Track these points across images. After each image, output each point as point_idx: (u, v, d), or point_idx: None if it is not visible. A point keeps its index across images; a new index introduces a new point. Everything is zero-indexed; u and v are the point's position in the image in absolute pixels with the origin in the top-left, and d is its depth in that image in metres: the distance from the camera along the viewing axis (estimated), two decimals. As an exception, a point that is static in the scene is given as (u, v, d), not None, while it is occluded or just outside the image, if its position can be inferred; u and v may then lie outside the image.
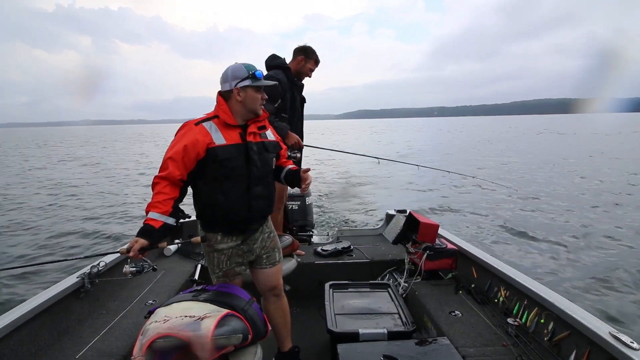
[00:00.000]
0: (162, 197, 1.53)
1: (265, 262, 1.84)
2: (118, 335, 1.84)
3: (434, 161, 15.56)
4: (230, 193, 1.64)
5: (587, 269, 4.89)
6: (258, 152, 1.66)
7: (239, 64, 1.63)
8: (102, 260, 2.24)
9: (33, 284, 4.73)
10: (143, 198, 10.08)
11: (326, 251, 3.00)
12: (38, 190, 12.21)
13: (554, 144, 26.71)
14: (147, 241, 1.48)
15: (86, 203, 9.99)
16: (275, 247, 1.89)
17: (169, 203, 1.54)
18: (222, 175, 1.62)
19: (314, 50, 2.60)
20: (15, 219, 8.38)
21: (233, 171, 1.61)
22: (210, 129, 1.59)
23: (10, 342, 1.56)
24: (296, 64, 2.59)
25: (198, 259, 2.84)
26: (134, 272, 1.62)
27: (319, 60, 2.66)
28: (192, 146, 1.54)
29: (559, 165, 14.92)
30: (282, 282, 1.96)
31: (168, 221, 1.53)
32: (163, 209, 1.52)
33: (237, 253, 1.74)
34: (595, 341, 1.43)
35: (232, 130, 1.63)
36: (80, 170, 17.55)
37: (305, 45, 2.60)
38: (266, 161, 1.72)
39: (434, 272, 2.50)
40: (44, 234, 7.13)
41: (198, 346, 1.26)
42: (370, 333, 1.82)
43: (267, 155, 1.72)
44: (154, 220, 1.51)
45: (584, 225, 6.75)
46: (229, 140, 1.60)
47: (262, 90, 1.65)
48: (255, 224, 1.76)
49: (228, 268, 1.74)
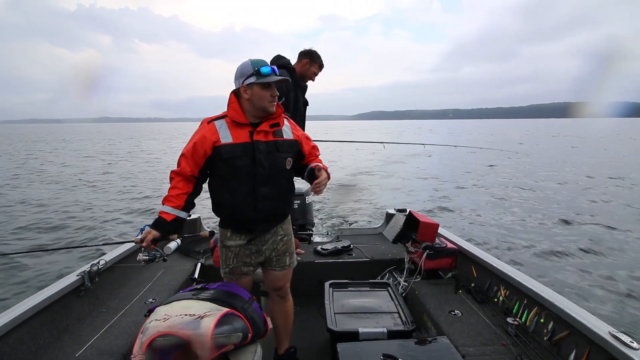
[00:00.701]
0: (176, 191, 1.62)
1: (275, 264, 1.81)
2: (118, 334, 1.84)
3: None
4: (236, 192, 1.63)
5: (586, 269, 4.89)
6: (267, 152, 1.61)
7: (248, 60, 1.59)
8: (102, 258, 2.25)
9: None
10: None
11: (326, 250, 3.00)
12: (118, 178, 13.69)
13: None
14: (159, 233, 1.61)
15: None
16: (287, 251, 1.82)
17: (182, 197, 1.62)
18: (228, 174, 1.62)
19: (318, 55, 2.60)
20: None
21: (239, 170, 1.60)
22: (220, 127, 1.60)
23: (10, 340, 1.56)
24: (301, 67, 2.59)
25: (198, 257, 2.84)
26: (146, 260, 1.81)
27: (323, 65, 2.65)
28: (201, 144, 1.58)
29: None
30: (289, 285, 1.92)
31: (180, 215, 1.63)
32: (176, 203, 1.62)
33: (245, 252, 1.73)
34: (595, 341, 1.43)
35: (241, 128, 1.60)
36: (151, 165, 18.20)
37: (310, 49, 2.60)
38: (276, 161, 1.64)
39: (434, 271, 2.50)
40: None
41: (198, 345, 1.26)
42: (370, 332, 1.81)
43: (277, 155, 1.65)
44: (167, 213, 1.61)
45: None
46: (236, 139, 1.59)
47: (272, 87, 1.58)
48: (263, 225, 1.71)
49: (234, 266, 1.74)
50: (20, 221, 7.60)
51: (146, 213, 8.34)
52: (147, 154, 25.34)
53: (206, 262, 2.75)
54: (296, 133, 1.74)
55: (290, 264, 1.85)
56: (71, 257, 5.34)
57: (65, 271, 4.65)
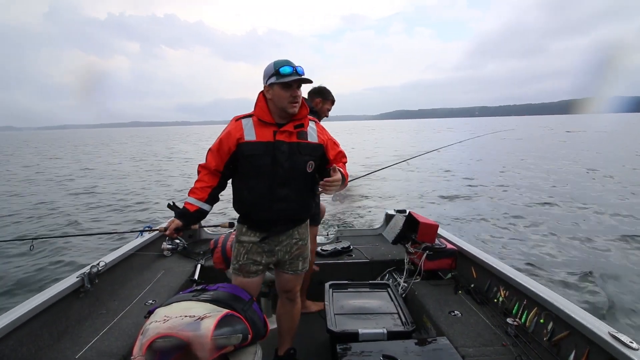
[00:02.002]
0: (201, 184, 1.70)
1: (288, 267, 1.79)
2: (118, 335, 1.84)
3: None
4: (254, 190, 1.63)
5: (588, 267, 4.90)
6: (288, 153, 1.59)
7: (275, 60, 1.57)
8: (102, 260, 2.25)
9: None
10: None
11: (326, 251, 3.01)
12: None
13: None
14: (182, 222, 1.70)
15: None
16: (301, 256, 1.79)
17: (207, 190, 1.69)
18: (249, 172, 1.63)
19: (329, 91, 2.56)
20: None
21: (259, 169, 1.60)
22: (246, 125, 1.62)
23: (10, 342, 1.56)
24: (314, 106, 2.54)
25: (198, 258, 2.84)
26: (169, 249, 2.08)
27: (335, 100, 2.61)
28: (226, 140, 1.61)
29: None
30: (299, 289, 1.91)
31: (203, 207, 1.70)
32: (200, 195, 1.69)
33: (257, 250, 1.71)
34: (594, 341, 1.43)
35: (266, 127, 1.60)
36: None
37: (320, 86, 2.55)
38: (296, 163, 1.62)
39: (434, 272, 2.50)
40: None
41: (198, 346, 1.26)
42: (370, 333, 1.82)
43: (298, 157, 1.62)
44: (190, 204, 1.70)
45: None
46: (260, 138, 1.59)
47: (293, 87, 1.55)
48: (279, 225, 1.69)
49: (244, 262, 1.72)
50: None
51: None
52: (183, 153, 28.80)
53: (206, 264, 2.75)
54: (322, 137, 1.70)
55: (303, 269, 1.82)
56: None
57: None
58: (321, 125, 1.77)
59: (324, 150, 1.70)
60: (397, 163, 4.90)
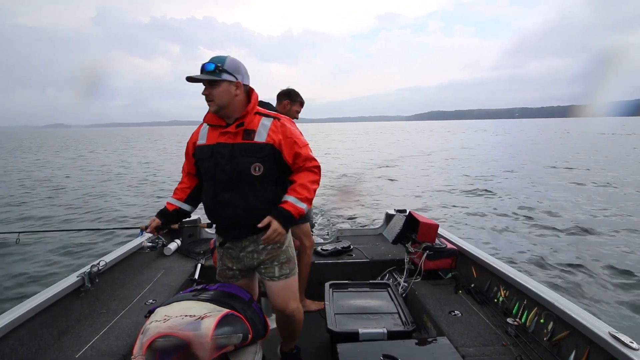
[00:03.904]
0: (181, 185, 1.77)
1: (264, 273, 1.68)
2: (118, 335, 1.84)
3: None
4: (206, 194, 1.65)
5: (588, 267, 4.89)
6: (229, 156, 1.52)
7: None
8: (102, 259, 2.25)
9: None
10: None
11: (326, 251, 3.00)
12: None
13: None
14: (161, 220, 1.72)
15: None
16: (275, 261, 1.65)
17: (186, 191, 1.75)
18: (203, 175, 1.66)
19: (297, 92, 2.58)
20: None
21: (206, 173, 1.62)
22: (203, 128, 1.64)
23: (10, 341, 1.56)
24: (282, 108, 2.56)
25: (198, 258, 2.84)
26: (150, 247, 2.06)
27: (304, 102, 2.63)
28: (189, 143, 1.69)
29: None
30: (296, 304, 1.74)
31: (183, 207, 1.75)
32: (179, 195, 1.75)
33: (227, 256, 1.69)
34: (594, 341, 1.43)
35: (215, 130, 1.57)
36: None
37: (288, 88, 2.58)
38: (238, 165, 1.51)
39: (434, 271, 2.50)
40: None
41: (198, 346, 1.26)
42: (370, 333, 1.81)
43: (240, 160, 1.50)
44: (170, 204, 1.75)
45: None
46: (208, 141, 1.59)
47: (209, 85, 1.46)
48: (232, 231, 1.61)
49: (220, 268, 1.75)
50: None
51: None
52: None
53: (206, 263, 2.75)
54: (273, 136, 1.52)
55: (282, 275, 1.66)
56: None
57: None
58: (284, 123, 1.58)
59: (273, 150, 1.52)
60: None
